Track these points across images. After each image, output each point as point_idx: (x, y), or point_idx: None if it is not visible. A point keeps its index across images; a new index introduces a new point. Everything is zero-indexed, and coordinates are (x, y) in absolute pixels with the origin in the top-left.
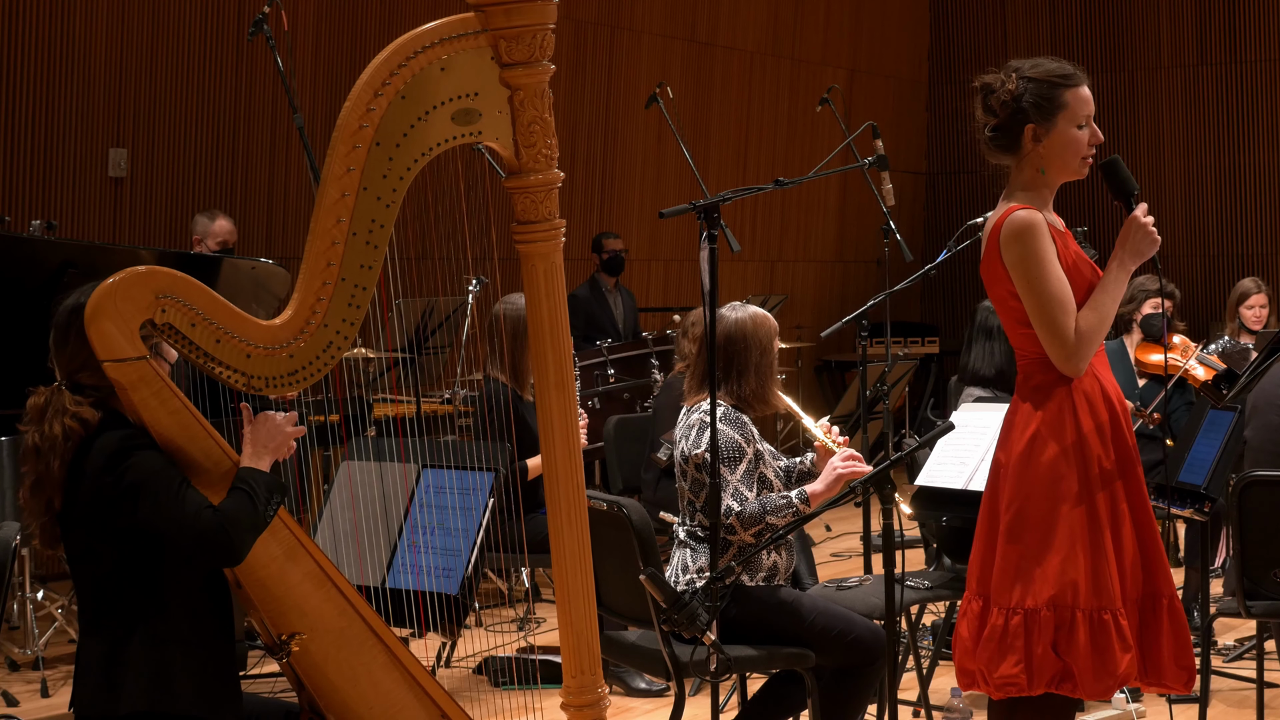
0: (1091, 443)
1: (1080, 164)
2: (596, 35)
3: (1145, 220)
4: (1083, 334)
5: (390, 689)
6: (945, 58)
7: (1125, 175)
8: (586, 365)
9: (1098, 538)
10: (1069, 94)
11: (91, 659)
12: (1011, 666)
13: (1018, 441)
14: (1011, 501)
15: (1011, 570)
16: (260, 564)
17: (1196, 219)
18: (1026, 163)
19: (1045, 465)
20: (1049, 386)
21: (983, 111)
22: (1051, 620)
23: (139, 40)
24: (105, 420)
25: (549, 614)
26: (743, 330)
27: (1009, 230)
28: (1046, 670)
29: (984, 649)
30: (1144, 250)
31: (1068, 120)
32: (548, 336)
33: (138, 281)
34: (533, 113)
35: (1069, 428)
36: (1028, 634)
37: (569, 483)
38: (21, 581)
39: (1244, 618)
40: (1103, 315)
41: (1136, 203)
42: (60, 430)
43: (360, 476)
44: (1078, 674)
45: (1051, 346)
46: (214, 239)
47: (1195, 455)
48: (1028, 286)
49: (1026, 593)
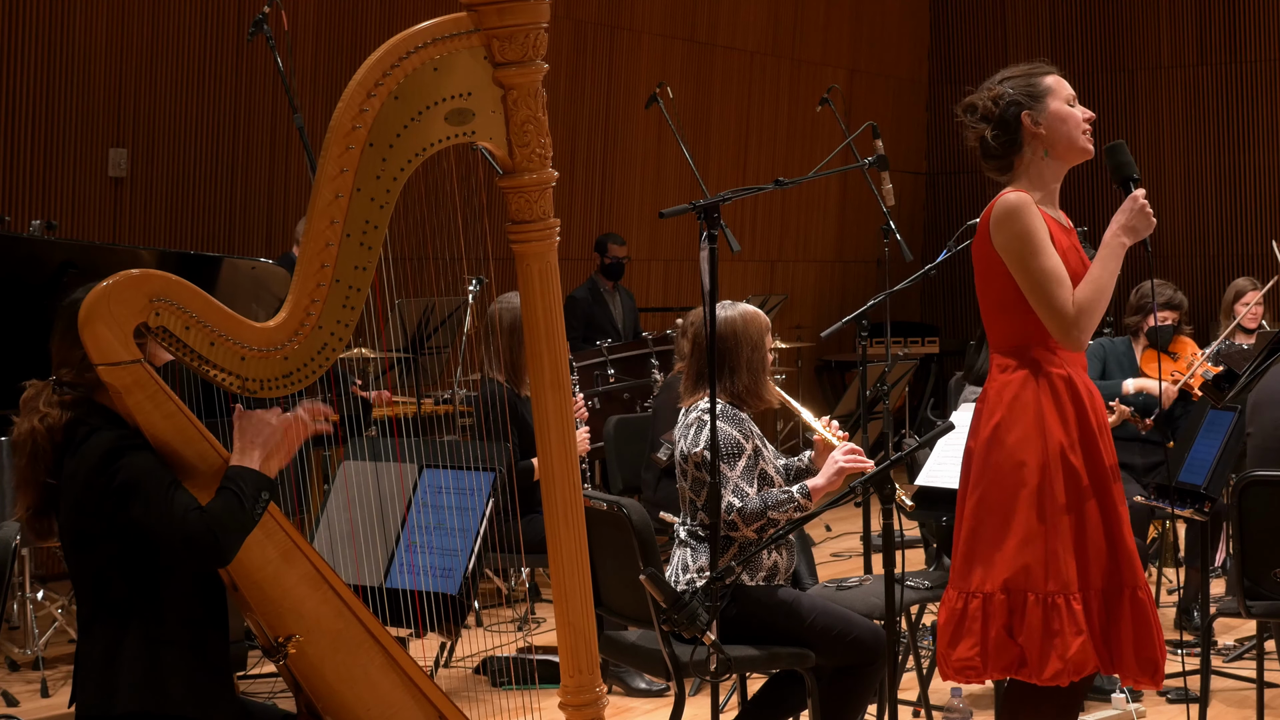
0: (1054, 431)
1: (1084, 138)
2: (596, 35)
3: (1144, 201)
4: (1081, 306)
5: (388, 691)
6: (945, 58)
7: (1128, 158)
8: (587, 365)
9: (1056, 522)
10: (1047, 79)
11: (89, 659)
12: (968, 650)
13: (984, 428)
14: (974, 487)
15: (972, 554)
16: (256, 566)
17: (1196, 219)
18: (1029, 149)
19: (1006, 450)
20: (1018, 377)
21: (979, 119)
22: (1005, 604)
23: (139, 40)
24: (99, 419)
25: (548, 614)
26: (733, 328)
27: (999, 211)
28: (1003, 655)
29: (943, 632)
30: (1140, 229)
31: (1056, 99)
32: (543, 336)
33: (131, 285)
34: (526, 112)
35: (1031, 414)
36: (984, 617)
37: (565, 482)
38: (21, 581)
39: (1244, 618)
40: (1099, 287)
41: (1136, 186)
42: (29, 429)
43: (359, 477)
44: (1028, 656)
45: (1050, 321)
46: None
47: (1195, 455)
48: (1020, 264)
49: (985, 577)
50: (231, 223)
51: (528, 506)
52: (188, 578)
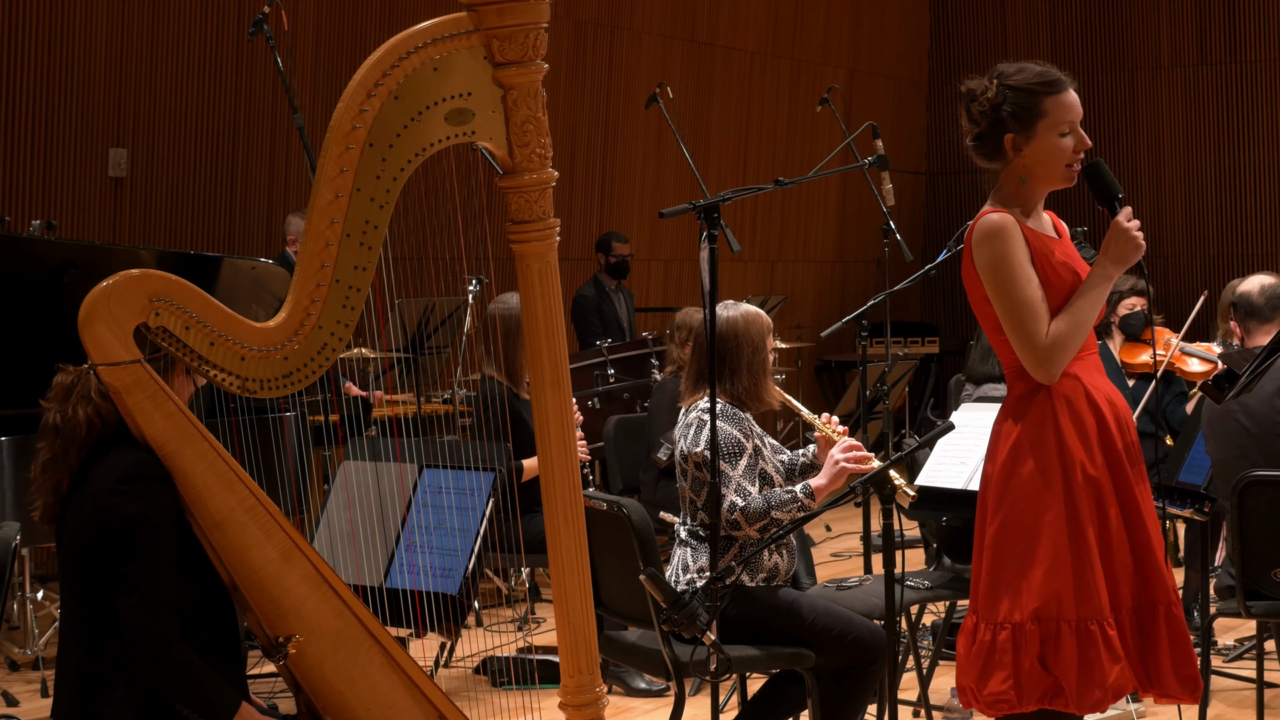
0: (1073, 449)
1: (1064, 172)
2: (596, 35)
3: (1129, 225)
4: (1055, 339)
5: (388, 691)
6: (945, 58)
7: (1108, 179)
8: (587, 365)
9: (1082, 546)
10: (1049, 101)
11: (70, 668)
12: (1000, 683)
13: (1000, 452)
14: (995, 514)
15: (997, 584)
16: (257, 566)
17: (1196, 219)
18: (1008, 172)
19: (1026, 476)
20: (1029, 395)
21: (967, 121)
22: (1037, 633)
23: (139, 40)
24: (122, 431)
25: (548, 614)
26: (734, 329)
27: (979, 233)
28: (1036, 686)
29: (972, 665)
30: (1128, 256)
31: (1049, 128)
32: (543, 336)
33: (131, 285)
34: (526, 112)
35: (1049, 435)
36: (1015, 649)
37: (565, 482)
38: (21, 581)
39: (1244, 618)
40: (1078, 321)
41: (1121, 206)
42: (83, 417)
43: (359, 477)
44: (1065, 686)
45: (1022, 352)
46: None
47: (1195, 455)
48: (996, 290)
49: (1013, 607)
50: (231, 223)
51: (525, 505)
52: (191, 586)
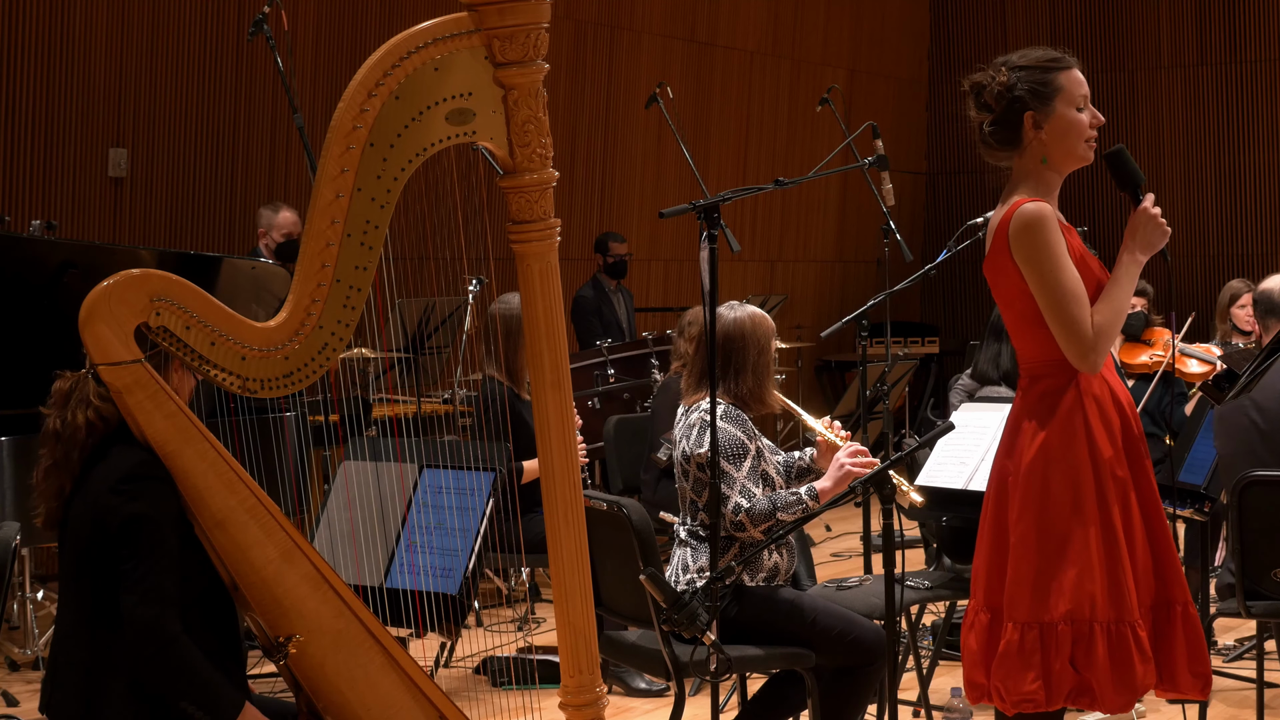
0: (1104, 450)
1: (1084, 147)
2: (596, 35)
3: (1154, 211)
4: (1100, 329)
5: (388, 690)
6: (945, 58)
7: (1132, 166)
8: (587, 365)
9: (1113, 548)
10: (1062, 77)
11: (69, 667)
12: (1030, 683)
13: (1026, 449)
14: (1023, 514)
15: (1026, 584)
16: (257, 566)
17: (1196, 219)
18: (1028, 154)
19: (1058, 476)
20: (1057, 391)
21: (977, 110)
22: (1069, 634)
23: (139, 40)
24: (123, 431)
25: (549, 614)
26: (740, 329)
27: (1018, 223)
28: (1064, 685)
29: (1000, 665)
30: (1154, 242)
31: (1065, 103)
32: (543, 336)
33: (132, 284)
34: (527, 112)
35: (1080, 436)
36: (1044, 649)
37: (565, 482)
38: (21, 581)
39: (1244, 618)
40: (1117, 309)
41: (1144, 193)
42: (83, 421)
43: (359, 477)
44: (1097, 689)
45: (1068, 342)
46: (279, 231)
47: (1195, 455)
48: (1040, 281)
49: (1043, 607)
50: (231, 223)
51: (525, 506)
52: (190, 587)
